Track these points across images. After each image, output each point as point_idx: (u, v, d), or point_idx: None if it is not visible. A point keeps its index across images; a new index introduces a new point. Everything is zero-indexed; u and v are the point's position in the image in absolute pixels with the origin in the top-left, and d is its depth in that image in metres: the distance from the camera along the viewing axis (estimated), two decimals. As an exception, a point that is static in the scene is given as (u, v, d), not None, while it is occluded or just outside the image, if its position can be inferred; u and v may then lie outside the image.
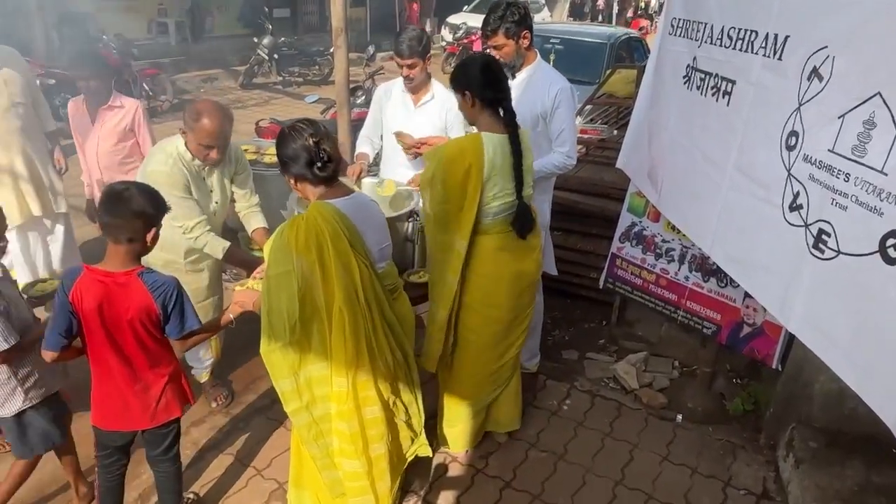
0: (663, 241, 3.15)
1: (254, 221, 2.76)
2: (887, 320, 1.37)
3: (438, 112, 2.96)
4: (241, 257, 2.63)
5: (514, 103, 2.77)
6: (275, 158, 2.99)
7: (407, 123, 3.00)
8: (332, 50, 11.05)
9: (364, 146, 3.16)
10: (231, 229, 3.16)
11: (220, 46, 12.81)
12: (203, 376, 3.05)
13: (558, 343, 3.67)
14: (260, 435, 2.86)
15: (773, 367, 2.74)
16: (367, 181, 2.98)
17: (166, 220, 1.92)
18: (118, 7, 11.16)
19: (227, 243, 2.55)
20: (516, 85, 2.78)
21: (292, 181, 1.91)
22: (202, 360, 2.99)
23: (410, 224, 2.67)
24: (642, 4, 26.67)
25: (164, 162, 2.41)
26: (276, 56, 11.22)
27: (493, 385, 2.59)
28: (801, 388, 2.68)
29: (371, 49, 8.66)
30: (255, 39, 11.40)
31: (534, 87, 2.75)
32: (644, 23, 21.40)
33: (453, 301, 2.32)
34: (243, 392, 3.16)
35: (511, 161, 2.21)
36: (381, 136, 3.16)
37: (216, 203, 2.62)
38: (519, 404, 2.78)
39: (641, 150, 2.89)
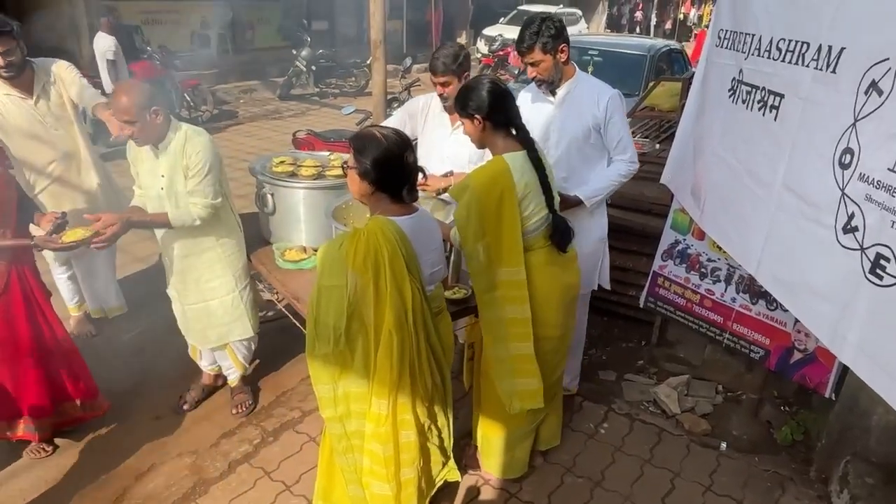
0: (709, 260, 3.03)
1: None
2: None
3: None
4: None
5: (561, 120, 2.73)
6: (313, 171, 3.04)
7: (443, 144, 2.95)
8: (368, 62, 11.25)
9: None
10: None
11: (259, 58, 13.14)
12: (232, 382, 3.13)
13: (595, 363, 3.56)
14: (289, 449, 2.85)
15: (826, 395, 2.58)
16: None
17: None
18: (163, 20, 11.57)
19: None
20: (559, 101, 2.72)
21: (369, 187, 1.79)
22: (227, 364, 3.09)
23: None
24: (680, 17, 26.28)
25: None
26: (313, 68, 11.44)
27: (546, 403, 2.51)
28: (856, 419, 2.52)
29: (408, 61, 8.73)
30: (294, 51, 11.64)
31: (580, 100, 2.68)
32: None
33: (530, 330, 2.22)
34: (273, 405, 3.17)
35: (537, 176, 2.17)
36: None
37: (162, 189, 2.60)
38: (561, 419, 2.73)
39: (686, 166, 2.79)
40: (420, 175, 1.90)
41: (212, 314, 2.88)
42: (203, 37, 12.70)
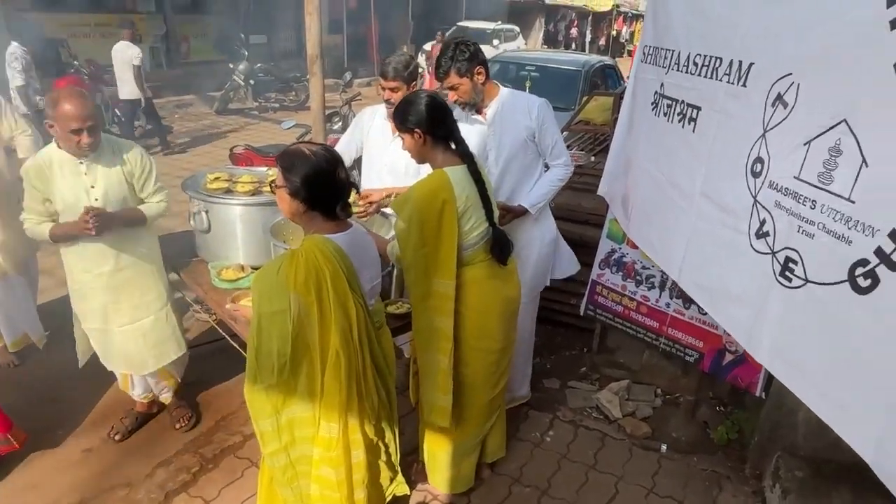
0: (643, 267, 3.13)
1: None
2: (859, 352, 1.33)
3: None
4: (65, 230, 2.53)
5: (496, 139, 2.77)
6: (250, 187, 2.98)
7: (383, 153, 2.96)
8: (308, 76, 11.14)
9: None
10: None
11: (195, 72, 12.82)
12: (167, 400, 3.02)
13: (540, 371, 3.60)
14: (230, 476, 2.75)
15: (757, 395, 2.70)
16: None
17: None
18: (91, 33, 11.14)
19: (50, 225, 2.52)
20: (490, 120, 2.75)
21: (301, 206, 1.75)
22: (161, 386, 2.98)
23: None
24: (614, 33, 27.36)
25: (29, 162, 2.51)
26: (251, 82, 11.25)
27: (489, 416, 2.53)
28: (784, 417, 2.64)
29: (348, 75, 8.68)
30: (231, 65, 11.43)
31: (511, 114, 2.73)
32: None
33: (452, 344, 2.25)
34: (213, 430, 3.06)
35: (477, 189, 2.19)
36: (355, 161, 3.13)
37: (96, 200, 2.51)
38: (505, 431, 2.73)
39: (618, 178, 2.88)
40: (353, 191, 1.88)
41: (147, 334, 2.78)
42: (135, 50, 12.29)
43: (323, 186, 1.74)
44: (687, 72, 2.07)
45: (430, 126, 2.16)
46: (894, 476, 1.22)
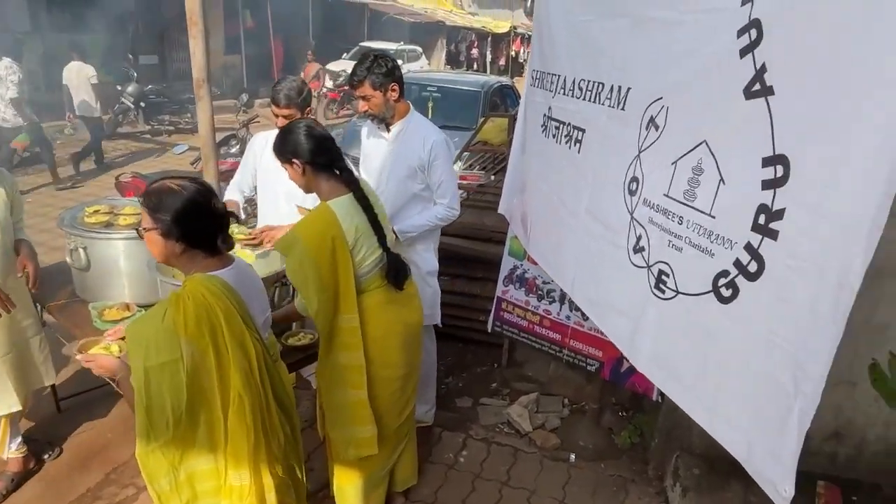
0: (544, 282, 3.22)
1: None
2: (726, 358, 1.43)
3: None
4: None
5: (391, 157, 2.79)
6: (133, 220, 2.79)
7: (277, 180, 2.86)
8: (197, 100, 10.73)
9: (233, 194, 3.01)
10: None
11: (77, 94, 11.95)
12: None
13: (453, 390, 3.61)
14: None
15: (654, 399, 2.83)
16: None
17: None
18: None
19: None
20: (391, 139, 2.78)
21: (177, 246, 1.62)
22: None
23: (277, 289, 2.51)
24: (512, 54, 28.45)
25: None
26: (142, 104, 10.67)
27: (396, 445, 2.48)
28: (680, 418, 2.77)
29: (245, 96, 8.43)
30: (119, 87, 10.80)
31: (408, 140, 2.75)
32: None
33: (364, 377, 2.19)
34: (103, 484, 2.81)
35: (366, 217, 2.16)
36: (255, 187, 3.03)
37: None
38: (415, 458, 2.68)
39: (516, 196, 2.96)
40: (234, 222, 1.80)
41: (29, 361, 2.65)
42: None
43: (200, 221, 1.63)
44: (573, 95, 2.17)
45: (310, 156, 2.10)
46: (764, 474, 1.31)
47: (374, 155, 2.90)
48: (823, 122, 1.16)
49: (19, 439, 2.75)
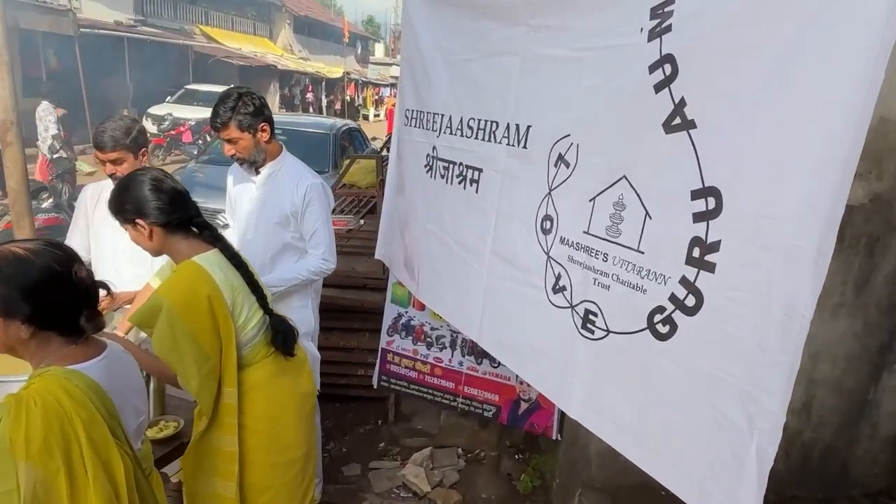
0: (432, 328, 3.08)
1: None
2: (669, 397, 1.38)
3: None
4: None
5: (260, 202, 2.50)
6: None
7: (115, 237, 2.43)
8: None
9: None
10: None
11: None
12: None
13: (337, 458, 3.28)
14: None
15: (554, 438, 2.79)
16: None
17: None
18: None
19: None
20: (261, 182, 2.51)
21: (24, 331, 1.22)
22: None
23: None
24: (347, 98, 28.85)
25: None
26: None
27: None
28: (579, 452, 2.76)
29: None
30: None
31: (280, 183, 2.49)
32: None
33: (236, 465, 1.84)
34: None
35: (240, 274, 1.85)
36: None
37: None
38: None
39: (395, 240, 2.80)
40: (104, 291, 1.42)
41: None
42: None
43: (56, 295, 1.26)
44: (462, 135, 2.08)
45: (160, 215, 1.75)
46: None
47: (242, 200, 2.59)
48: (752, 153, 1.16)
49: None
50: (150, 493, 1.42)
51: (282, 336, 1.94)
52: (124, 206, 1.76)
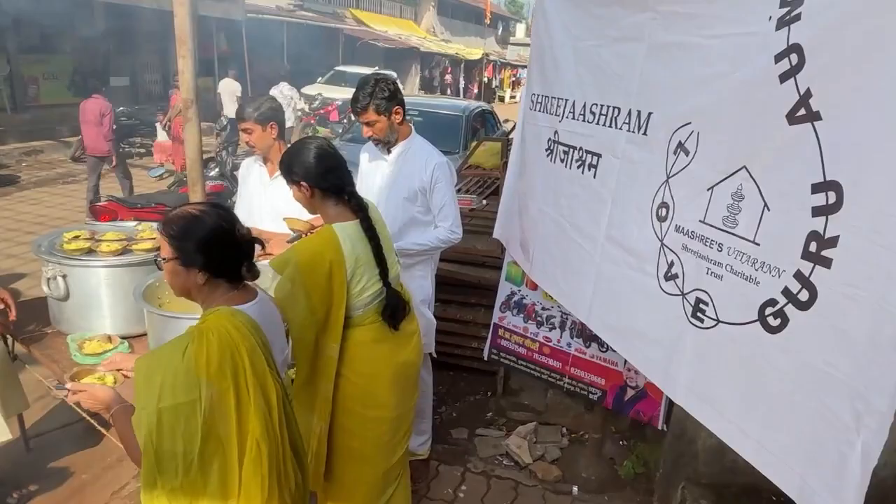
0: (543, 308, 3.15)
1: None
2: (775, 390, 1.37)
3: None
4: None
5: (391, 178, 2.73)
6: (116, 246, 2.63)
7: (261, 198, 2.85)
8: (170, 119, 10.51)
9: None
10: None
11: (46, 116, 11.64)
12: None
13: (447, 421, 3.49)
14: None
15: (659, 428, 2.77)
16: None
17: None
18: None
19: None
20: (392, 160, 2.73)
21: (199, 277, 1.50)
22: None
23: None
24: (485, 80, 28.95)
25: None
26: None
27: (384, 487, 2.32)
28: (686, 446, 2.72)
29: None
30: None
31: (410, 162, 2.69)
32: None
33: (330, 408, 2.07)
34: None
35: (370, 247, 2.04)
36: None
37: None
38: (409, 498, 2.53)
39: (513, 221, 2.90)
40: (259, 246, 1.67)
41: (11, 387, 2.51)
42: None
43: (224, 248, 1.52)
44: (584, 120, 2.12)
45: (318, 179, 2.00)
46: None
47: (373, 177, 2.83)
48: (878, 149, 1.12)
49: None
50: (293, 416, 1.68)
51: (391, 310, 2.11)
52: (293, 169, 2.03)
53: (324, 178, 2.00)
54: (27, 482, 2.82)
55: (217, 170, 6.10)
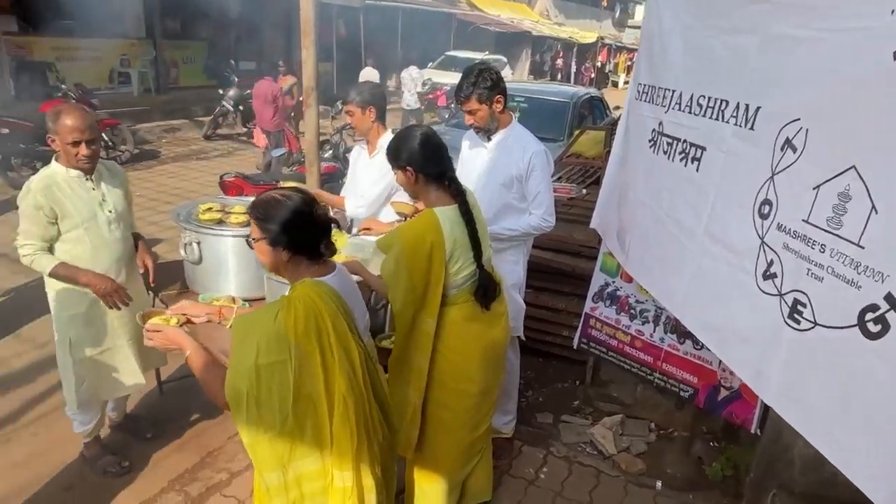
0: (637, 301, 3.13)
1: None
2: (871, 396, 1.33)
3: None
4: (72, 275, 2.49)
5: (489, 165, 2.83)
6: (242, 218, 2.93)
7: (363, 176, 3.07)
8: (303, 107, 11.15)
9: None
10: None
11: (183, 97, 12.79)
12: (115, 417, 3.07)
13: (532, 405, 3.56)
14: (216, 516, 2.66)
15: (752, 431, 2.68)
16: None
17: None
18: (80, 56, 11.12)
19: (58, 260, 2.47)
20: (491, 147, 2.82)
21: (284, 254, 1.71)
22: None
23: (373, 293, 2.58)
24: (598, 64, 27.99)
25: (35, 181, 2.46)
26: (241, 108, 11.22)
27: (469, 459, 2.46)
28: (780, 452, 2.62)
29: (340, 104, 8.70)
30: (221, 91, 11.42)
31: (509, 150, 2.77)
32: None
33: (424, 381, 2.22)
34: (198, 467, 2.96)
35: (467, 231, 2.16)
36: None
37: (110, 212, 2.60)
38: (490, 473, 2.65)
39: (612, 211, 2.90)
40: (335, 226, 1.83)
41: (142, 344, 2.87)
42: (123, 74, 12.28)
43: (304, 228, 1.70)
44: (690, 112, 2.09)
45: (422, 165, 2.13)
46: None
47: (473, 163, 2.93)
48: None
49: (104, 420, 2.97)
50: (377, 376, 1.84)
51: (482, 291, 2.23)
52: (399, 154, 2.18)
53: (427, 164, 2.13)
54: (160, 422, 3.24)
55: (331, 152, 6.48)
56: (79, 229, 2.51)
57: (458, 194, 2.18)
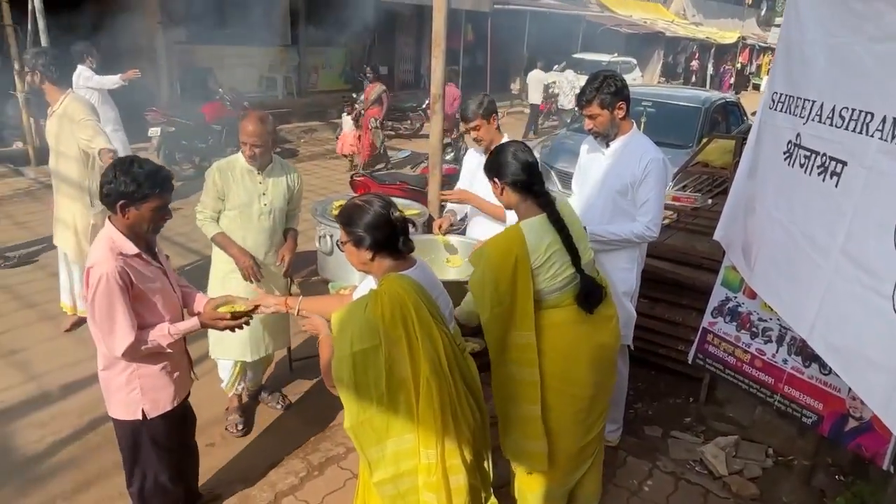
0: (760, 319, 2.98)
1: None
2: None
3: None
4: (227, 246, 2.98)
5: (606, 171, 2.85)
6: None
7: (476, 181, 3.19)
8: (423, 106, 11.56)
9: (454, 204, 3.34)
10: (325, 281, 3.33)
11: (321, 100, 13.72)
12: (252, 386, 3.45)
13: (641, 417, 3.51)
14: (333, 484, 2.91)
15: (885, 467, 2.47)
16: (455, 239, 3.09)
17: None
18: (234, 63, 12.31)
19: (219, 230, 2.99)
20: (609, 153, 2.83)
21: (367, 253, 1.87)
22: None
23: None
24: (738, 66, 26.11)
25: (218, 163, 3.03)
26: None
27: (578, 465, 2.45)
28: (918, 496, 2.40)
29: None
30: (354, 95, 12.12)
31: (626, 156, 2.77)
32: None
33: (539, 392, 2.25)
34: (320, 439, 3.25)
35: (559, 238, 2.20)
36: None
37: (265, 205, 3.01)
38: (600, 480, 2.64)
39: (738, 224, 2.79)
40: (410, 226, 1.98)
41: (283, 326, 3.30)
42: (270, 79, 13.43)
43: (383, 228, 1.86)
44: (831, 124, 1.99)
45: (511, 178, 2.24)
46: None
47: (590, 168, 2.96)
48: None
49: (244, 385, 3.36)
50: (464, 362, 1.97)
51: (584, 295, 2.25)
52: (492, 167, 2.32)
53: (515, 176, 2.24)
54: (289, 394, 3.59)
55: (452, 154, 6.71)
56: (234, 211, 2.98)
57: (546, 205, 2.24)
